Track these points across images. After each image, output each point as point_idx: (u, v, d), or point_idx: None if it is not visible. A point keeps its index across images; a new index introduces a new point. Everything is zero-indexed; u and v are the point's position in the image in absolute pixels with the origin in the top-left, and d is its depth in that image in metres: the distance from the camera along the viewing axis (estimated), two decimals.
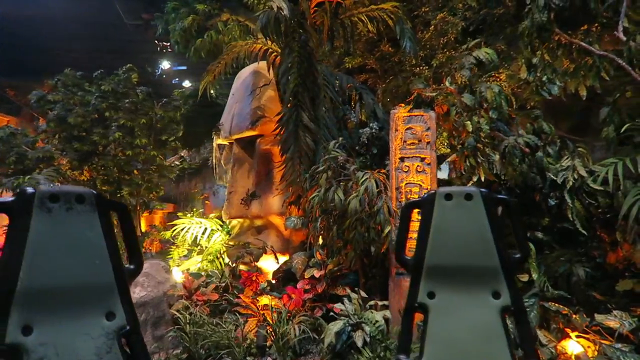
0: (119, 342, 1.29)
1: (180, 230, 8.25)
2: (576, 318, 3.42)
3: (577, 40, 4.23)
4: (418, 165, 4.49)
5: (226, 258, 7.26)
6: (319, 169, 4.74)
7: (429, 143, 4.53)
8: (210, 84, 6.86)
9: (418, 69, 6.59)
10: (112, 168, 7.46)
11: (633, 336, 3.24)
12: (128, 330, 1.32)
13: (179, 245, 8.65)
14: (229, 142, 7.88)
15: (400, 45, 6.03)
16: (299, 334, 4.07)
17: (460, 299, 1.63)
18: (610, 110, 4.00)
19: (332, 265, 4.80)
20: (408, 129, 4.57)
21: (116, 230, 1.42)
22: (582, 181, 3.79)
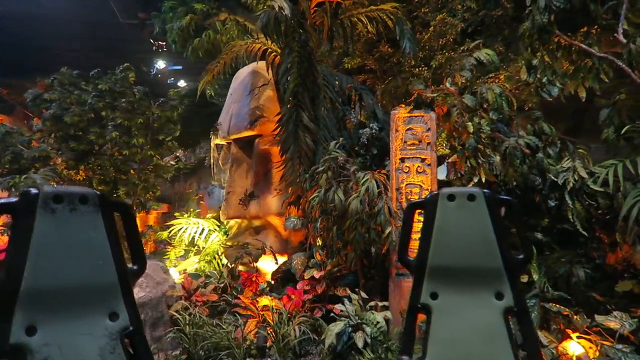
0: (122, 343, 1.29)
1: (177, 231, 8.21)
2: (577, 319, 3.43)
3: (577, 42, 4.25)
4: (418, 166, 4.49)
5: (224, 259, 7.23)
6: (319, 169, 4.72)
7: (429, 144, 4.53)
8: (209, 83, 6.82)
9: (417, 69, 6.59)
10: (109, 168, 7.39)
11: (633, 337, 3.26)
12: (131, 330, 1.32)
13: (175, 246, 8.61)
14: (227, 142, 7.85)
15: (400, 46, 6.03)
16: (299, 335, 4.05)
17: (463, 299, 1.64)
18: (610, 111, 4.01)
19: (331, 266, 4.79)
20: (408, 130, 4.57)
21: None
22: (583, 182, 3.81)
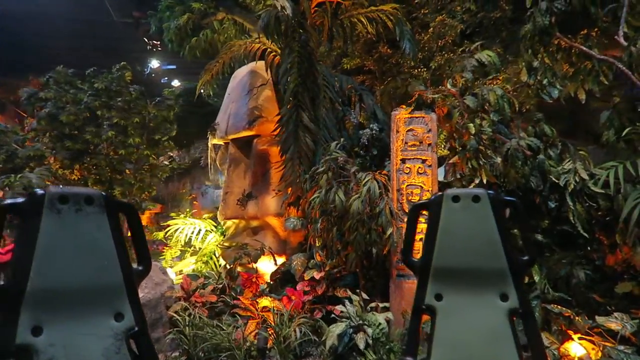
0: (127, 343, 1.30)
1: (174, 231, 8.15)
2: (578, 320, 3.44)
3: (577, 44, 4.28)
4: (419, 167, 4.49)
5: (221, 259, 7.19)
6: (319, 169, 4.71)
7: (430, 145, 4.53)
8: (207, 83, 6.79)
9: (416, 70, 6.61)
10: (105, 167, 7.33)
11: (635, 338, 3.28)
12: (136, 331, 1.33)
13: (171, 246, 8.55)
14: (225, 142, 7.80)
15: (399, 47, 6.04)
16: (300, 336, 4.03)
17: (467, 301, 1.63)
18: (611, 114, 4.04)
19: (330, 266, 4.77)
20: (409, 131, 4.57)
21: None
22: (584, 184, 3.83)
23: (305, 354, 4.19)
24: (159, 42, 14.65)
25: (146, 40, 14.71)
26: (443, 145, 5.65)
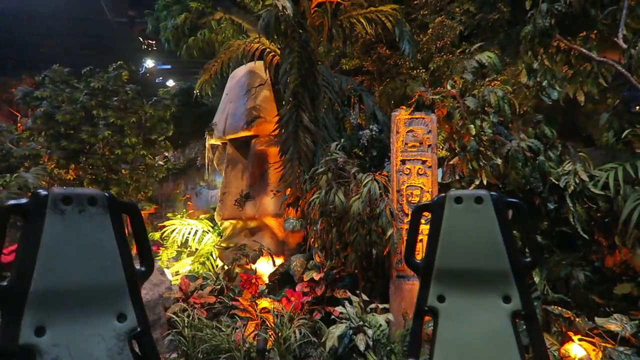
0: (129, 344, 1.31)
1: (170, 232, 8.10)
2: (579, 321, 3.45)
3: (577, 46, 4.30)
4: (419, 168, 4.48)
5: (218, 260, 7.15)
6: (319, 170, 4.69)
7: (430, 146, 4.52)
8: (206, 82, 6.75)
9: (415, 72, 6.61)
10: (101, 167, 7.27)
11: (635, 339, 3.29)
12: (139, 332, 1.33)
13: (167, 247, 8.49)
14: (223, 143, 7.76)
15: (398, 48, 6.04)
16: (300, 337, 4.01)
17: (470, 303, 1.63)
18: (610, 116, 4.06)
19: (328, 267, 4.76)
20: (409, 132, 4.56)
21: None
22: (584, 185, 3.84)
23: (305, 355, 4.17)
24: (154, 42, 14.59)
25: (141, 39, 14.64)
26: (441, 147, 5.66)
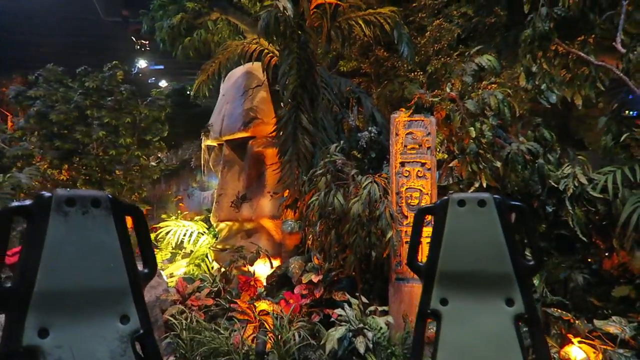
0: (132, 346, 1.31)
1: (165, 234, 8.03)
2: (578, 324, 3.47)
3: (575, 50, 4.33)
4: (419, 170, 4.48)
5: (214, 262, 7.09)
6: (318, 172, 4.67)
7: (429, 148, 4.53)
8: (203, 83, 6.71)
9: (413, 74, 6.63)
10: (94, 168, 7.18)
11: (634, 342, 3.31)
12: (142, 333, 1.34)
13: (161, 249, 8.42)
14: (219, 144, 7.72)
15: (395, 50, 6.05)
16: (299, 340, 3.98)
17: (473, 306, 1.63)
18: (608, 119, 4.10)
19: (326, 270, 4.73)
20: (408, 134, 4.57)
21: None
22: (582, 188, 3.87)
23: (304, 358, 4.13)
24: (147, 42, 14.47)
25: (134, 39, 14.52)
26: (438, 149, 5.67)
